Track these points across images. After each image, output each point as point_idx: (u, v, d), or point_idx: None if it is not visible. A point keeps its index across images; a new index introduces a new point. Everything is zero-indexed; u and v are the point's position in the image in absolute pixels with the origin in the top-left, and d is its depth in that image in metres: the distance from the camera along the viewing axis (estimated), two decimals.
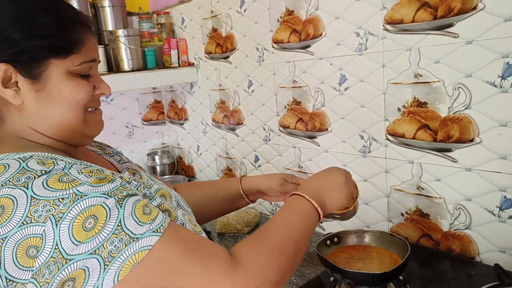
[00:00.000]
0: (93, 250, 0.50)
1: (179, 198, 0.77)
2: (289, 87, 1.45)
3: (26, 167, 0.54)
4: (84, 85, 0.63)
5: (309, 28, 1.33)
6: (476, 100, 0.99)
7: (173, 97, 2.13)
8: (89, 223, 0.50)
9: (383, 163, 1.22)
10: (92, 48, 0.64)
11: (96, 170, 0.57)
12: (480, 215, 1.04)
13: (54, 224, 0.50)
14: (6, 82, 0.58)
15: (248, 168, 1.74)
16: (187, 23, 1.89)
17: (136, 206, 0.54)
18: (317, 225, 0.74)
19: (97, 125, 0.69)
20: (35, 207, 0.50)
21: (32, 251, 0.49)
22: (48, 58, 0.59)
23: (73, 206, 0.51)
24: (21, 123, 0.62)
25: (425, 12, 1.04)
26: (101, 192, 0.53)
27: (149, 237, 0.52)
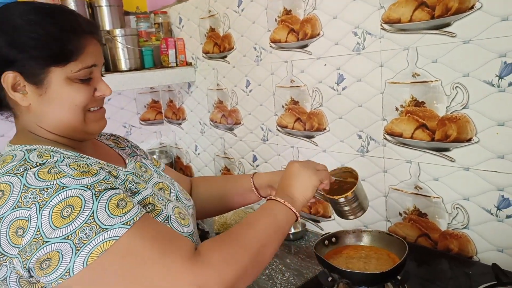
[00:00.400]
0: (66, 236, 0.57)
1: (178, 191, 0.84)
2: (287, 87, 1.45)
3: (27, 158, 0.63)
4: (82, 89, 0.68)
5: (306, 27, 1.33)
6: (474, 100, 0.99)
7: (171, 97, 2.13)
8: (66, 212, 0.58)
9: (381, 163, 1.22)
10: (93, 54, 0.69)
11: (84, 164, 0.64)
12: (478, 214, 1.04)
13: (38, 210, 0.57)
14: (16, 87, 0.66)
15: (246, 168, 1.74)
16: (184, 22, 1.89)
17: (112, 199, 0.60)
18: (291, 223, 0.75)
19: (98, 124, 0.74)
20: (25, 194, 0.58)
21: (19, 231, 0.58)
22: (48, 66, 0.65)
23: (55, 196, 0.58)
24: (29, 121, 0.70)
25: (423, 11, 1.04)
26: (81, 185, 0.60)
27: (118, 228, 0.58)
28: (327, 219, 1.44)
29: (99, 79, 0.72)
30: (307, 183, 0.79)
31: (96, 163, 0.68)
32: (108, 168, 0.70)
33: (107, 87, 0.73)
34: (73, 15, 0.69)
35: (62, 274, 0.56)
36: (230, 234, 0.67)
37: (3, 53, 0.64)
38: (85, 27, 0.69)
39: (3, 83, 0.65)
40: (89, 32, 0.69)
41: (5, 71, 0.65)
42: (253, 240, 0.66)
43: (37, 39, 0.64)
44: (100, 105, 0.74)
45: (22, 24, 0.64)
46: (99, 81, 0.72)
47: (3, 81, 0.65)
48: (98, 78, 0.72)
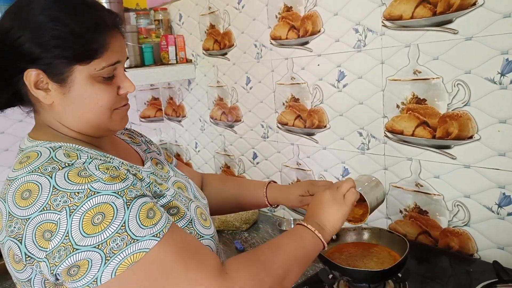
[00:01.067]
0: (97, 244, 0.56)
1: (195, 189, 0.84)
2: (287, 84, 1.45)
3: (54, 157, 0.62)
4: (106, 90, 0.67)
5: (307, 24, 1.33)
6: (475, 97, 0.98)
7: (171, 94, 2.12)
8: (97, 219, 0.56)
9: (381, 160, 1.21)
10: (117, 50, 0.67)
11: (112, 167, 0.63)
12: (479, 212, 1.04)
13: (68, 215, 0.56)
14: (38, 84, 0.65)
15: (247, 165, 1.74)
16: (184, 19, 1.88)
17: (142, 209, 0.60)
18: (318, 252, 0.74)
19: (121, 121, 0.72)
20: (54, 196, 0.57)
21: (47, 235, 0.56)
22: (72, 65, 0.64)
23: (86, 201, 0.57)
24: (51, 117, 0.69)
25: (424, 8, 1.03)
26: (112, 191, 0.59)
27: (148, 240, 0.57)
28: None
29: (123, 75, 0.70)
30: (338, 213, 0.78)
31: (120, 164, 0.67)
32: (132, 169, 0.70)
33: (131, 83, 0.70)
34: (96, 9, 0.67)
35: (89, 282, 0.56)
36: (258, 255, 0.67)
37: (26, 49, 0.62)
38: (109, 22, 0.66)
39: (26, 80, 0.64)
40: (113, 27, 0.67)
41: (27, 68, 0.63)
42: (280, 265, 0.66)
43: (61, 37, 0.62)
44: (125, 102, 0.72)
45: (44, 21, 0.62)
46: (123, 78, 0.70)
47: (25, 78, 0.64)
48: (122, 75, 0.70)
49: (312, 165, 1.44)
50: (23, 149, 0.68)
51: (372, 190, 0.88)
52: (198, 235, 0.69)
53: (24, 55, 0.62)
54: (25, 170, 0.61)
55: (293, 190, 0.97)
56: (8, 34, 0.63)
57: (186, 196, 0.76)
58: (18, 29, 0.62)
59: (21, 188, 0.59)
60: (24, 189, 0.58)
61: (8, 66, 0.64)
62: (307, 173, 1.46)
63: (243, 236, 1.42)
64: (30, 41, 0.62)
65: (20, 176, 0.60)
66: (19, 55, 0.63)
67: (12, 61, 0.63)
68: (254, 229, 1.47)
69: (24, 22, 0.63)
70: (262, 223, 1.52)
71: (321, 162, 1.40)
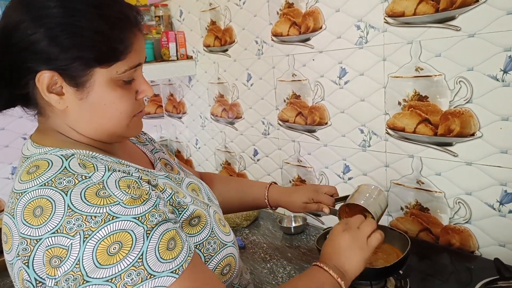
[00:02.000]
0: (110, 278, 0.50)
1: (208, 190, 0.79)
2: (288, 81, 1.44)
3: (68, 167, 0.56)
4: (126, 95, 0.61)
5: (309, 21, 1.32)
6: (478, 94, 0.98)
7: (171, 91, 2.12)
8: (114, 248, 0.50)
9: (383, 157, 1.21)
10: (139, 51, 0.61)
11: (133, 181, 0.57)
12: (480, 209, 1.04)
13: (82, 240, 0.50)
14: (51, 87, 0.57)
15: (247, 162, 1.73)
16: (185, 15, 1.87)
17: (163, 238, 0.54)
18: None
19: (137, 127, 0.68)
20: (69, 218, 0.51)
21: (55, 261, 0.51)
22: (92, 67, 0.57)
23: (103, 226, 0.51)
24: (62, 123, 0.62)
25: (427, 4, 1.03)
26: (132, 216, 0.53)
27: (166, 277, 0.52)
28: None
29: (141, 78, 0.64)
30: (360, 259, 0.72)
31: (136, 172, 0.62)
32: (150, 178, 0.64)
33: (149, 87, 0.65)
34: (118, 2, 0.59)
35: None
36: None
37: (42, 48, 0.54)
38: (132, 19, 0.59)
39: (38, 82, 0.56)
40: (136, 24, 0.60)
41: (41, 69, 0.56)
42: None
43: (82, 35, 0.55)
44: (143, 107, 0.67)
45: (63, 16, 0.54)
46: (142, 81, 0.64)
47: (37, 81, 0.56)
48: (140, 78, 0.64)
49: (313, 162, 1.44)
50: (28, 156, 0.61)
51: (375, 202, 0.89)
52: (221, 244, 0.66)
53: (39, 54, 0.55)
54: (35, 182, 0.54)
55: (296, 197, 0.96)
56: (19, 29, 0.55)
57: (202, 201, 0.72)
58: (31, 23, 0.54)
59: (32, 204, 0.53)
60: (36, 206, 0.52)
61: (17, 66, 0.57)
62: (308, 170, 1.46)
63: (244, 232, 1.43)
64: (47, 39, 0.54)
65: (30, 190, 0.54)
66: (32, 54, 0.55)
67: (23, 59, 0.56)
68: (255, 226, 1.47)
69: (38, 16, 0.54)
70: (263, 220, 1.52)
71: (322, 159, 1.40)
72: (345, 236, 0.74)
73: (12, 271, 0.57)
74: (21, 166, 0.61)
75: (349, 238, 0.74)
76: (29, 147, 0.63)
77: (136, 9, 0.62)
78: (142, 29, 0.62)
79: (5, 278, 1.29)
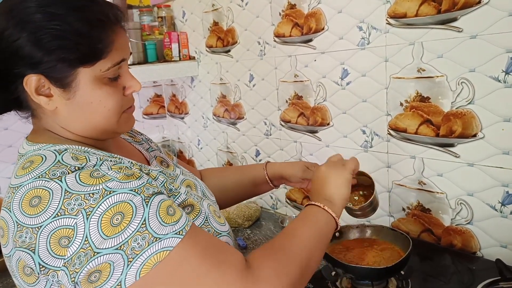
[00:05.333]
0: (118, 246, 0.53)
1: (203, 187, 0.80)
2: (290, 82, 1.45)
3: (61, 160, 0.58)
4: (112, 92, 0.63)
5: (311, 22, 1.32)
6: (480, 95, 0.98)
7: (174, 91, 2.13)
8: (116, 219, 0.53)
9: (384, 158, 1.22)
10: (121, 48, 0.62)
11: (124, 167, 0.60)
12: (482, 210, 1.04)
13: (85, 218, 0.53)
14: (39, 89, 0.60)
15: (249, 163, 1.74)
16: (188, 16, 1.88)
17: (161, 205, 0.57)
18: (333, 230, 0.73)
19: (128, 123, 0.69)
20: (68, 200, 0.53)
21: (64, 241, 0.53)
22: (76, 67, 0.59)
23: (103, 201, 0.53)
24: (54, 123, 0.64)
25: (429, 6, 1.03)
26: (129, 189, 0.55)
27: (171, 238, 0.55)
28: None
29: (128, 74, 0.66)
30: (340, 180, 0.77)
31: (131, 164, 0.64)
32: (144, 169, 0.66)
33: (137, 82, 0.66)
34: (97, 2, 0.61)
35: (112, 287, 0.52)
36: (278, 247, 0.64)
37: (26, 53, 0.57)
38: (112, 17, 0.61)
39: (26, 86, 0.58)
40: (116, 22, 0.62)
41: (28, 73, 0.58)
42: (301, 252, 0.65)
43: (63, 37, 0.57)
44: (132, 103, 0.68)
45: (43, 19, 0.56)
46: (128, 77, 0.66)
47: (25, 84, 0.58)
48: (127, 74, 0.66)
49: None
50: (23, 154, 0.63)
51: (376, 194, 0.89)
52: (215, 233, 0.68)
53: (24, 59, 0.57)
54: (30, 175, 0.56)
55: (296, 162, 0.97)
56: (3, 36, 0.57)
57: (196, 194, 0.74)
58: (14, 29, 0.56)
59: (28, 195, 0.55)
60: (32, 196, 0.55)
61: (5, 71, 0.59)
62: None
63: (246, 233, 1.43)
64: (30, 43, 0.56)
65: (26, 183, 0.56)
66: (17, 59, 0.57)
67: (9, 65, 0.58)
68: (257, 226, 1.48)
69: (20, 22, 0.56)
70: (265, 220, 1.52)
71: (324, 160, 1.39)
72: (321, 168, 0.80)
73: (10, 263, 0.59)
74: (17, 163, 0.63)
75: (325, 168, 0.80)
76: (24, 145, 0.65)
77: (116, 6, 0.64)
78: (124, 26, 0.64)
79: (5, 279, 1.29)
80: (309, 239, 0.67)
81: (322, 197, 0.75)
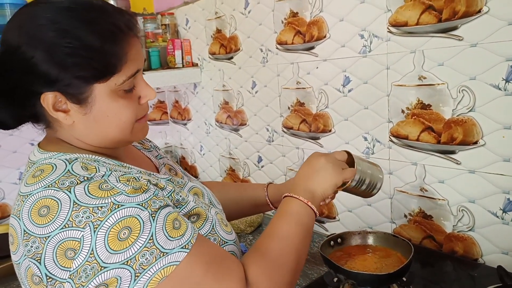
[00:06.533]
0: (125, 261, 0.53)
1: (211, 195, 0.80)
2: (292, 88, 1.46)
3: (71, 170, 0.58)
4: (128, 104, 0.63)
5: (313, 29, 1.34)
6: (480, 103, 0.99)
7: (177, 97, 2.14)
8: (124, 234, 0.54)
9: (386, 165, 1.22)
10: (135, 58, 0.62)
11: (132, 178, 0.59)
12: (484, 217, 1.05)
13: (92, 231, 0.53)
14: (56, 105, 0.60)
15: (251, 169, 1.75)
16: (191, 24, 1.90)
17: (167, 219, 0.57)
18: (314, 219, 0.73)
19: (142, 131, 0.69)
20: (76, 212, 0.54)
21: (70, 253, 0.53)
22: (91, 84, 0.59)
23: (110, 215, 0.54)
24: (69, 135, 0.65)
25: (430, 15, 1.04)
26: (136, 203, 0.56)
27: (177, 252, 0.56)
28: (331, 220, 1.44)
29: (142, 83, 0.65)
30: (331, 180, 0.75)
31: (138, 173, 0.64)
32: (152, 179, 0.65)
33: (151, 90, 0.66)
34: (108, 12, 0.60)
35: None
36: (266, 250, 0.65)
37: (42, 71, 0.57)
38: (124, 27, 0.60)
39: (43, 103, 0.59)
40: (128, 31, 0.61)
41: (44, 91, 0.58)
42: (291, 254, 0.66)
43: (77, 55, 0.56)
44: (146, 111, 0.68)
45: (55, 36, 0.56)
46: (143, 86, 0.65)
47: (42, 102, 0.59)
48: (141, 83, 0.65)
49: None
50: (34, 162, 0.63)
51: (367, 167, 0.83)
52: (222, 241, 0.68)
53: (39, 77, 0.57)
54: (40, 184, 0.57)
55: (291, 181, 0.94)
56: (17, 53, 0.57)
57: (204, 202, 0.74)
58: (27, 47, 0.56)
59: (37, 204, 0.55)
60: (41, 206, 0.55)
61: (21, 89, 0.59)
62: None
63: (248, 239, 1.43)
64: (45, 61, 0.56)
65: (35, 192, 0.56)
66: (34, 77, 0.57)
67: (25, 83, 0.58)
68: (259, 232, 1.48)
69: (33, 39, 0.56)
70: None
71: None
72: (321, 159, 0.77)
73: (19, 271, 0.59)
74: (27, 171, 0.63)
75: (325, 161, 0.76)
76: (35, 153, 0.66)
77: (127, 13, 0.63)
78: (138, 32, 0.63)
79: (11, 283, 1.30)
80: (297, 240, 0.68)
81: (306, 187, 0.74)
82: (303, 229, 0.70)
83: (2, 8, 1.52)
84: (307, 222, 0.71)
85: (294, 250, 0.67)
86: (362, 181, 0.81)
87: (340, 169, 0.77)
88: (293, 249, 0.67)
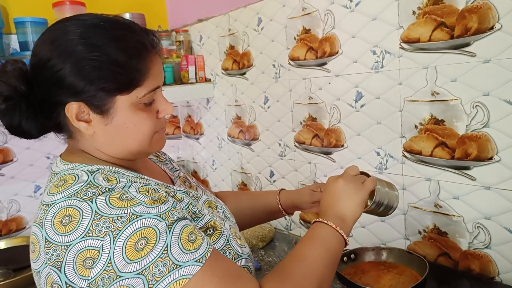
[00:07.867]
0: (140, 271, 0.54)
1: (225, 208, 0.81)
2: (305, 103, 1.47)
3: (93, 181, 0.61)
4: (147, 117, 0.66)
5: (325, 46, 1.36)
6: (494, 119, 0.99)
7: (189, 112, 2.17)
8: (141, 244, 0.55)
9: (400, 180, 1.22)
10: (156, 75, 0.65)
11: (152, 189, 0.61)
12: (500, 234, 1.03)
13: (112, 240, 0.54)
14: (79, 115, 0.63)
15: (263, 183, 1.75)
16: (204, 40, 1.94)
17: (183, 232, 0.58)
18: (343, 245, 0.71)
19: (160, 143, 0.72)
20: (96, 222, 0.55)
21: (88, 262, 0.54)
22: (114, 96, 0.63)
23: (129, 225, 0.55)
24: (90, 145, 0.68)
25: (442, 31, 1.05)
26: (154, 214, 0.57)
27: (191, 266, 0.56)
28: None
29: (162, 98, 0.69)
30: (356, 199, 0.73)
31: (156, 185, 0.65)
32: (168, 190, 0.67)
33: (170, 105, 0.69)
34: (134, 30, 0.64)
35: None
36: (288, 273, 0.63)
37: (69, 82, 0.60)
38: (148, 45, 0.64)
39: (67, 113, 0.62)
40: (151, 49, 0.64)
41: (70, 101, 0.61)
42: (313, 279, 0.63)
43: (103, 68, 0.60)
44: (164, 125, 0.71)
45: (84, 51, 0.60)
46: (162, 101, 0.68)
47: (67, 111, 0.62)
48: (161, 98, 0.68)
49: None
50: (57, 172, 0.66)
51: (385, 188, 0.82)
52: (236, 255, 0.68)
53: (66, 88, 0.61)
54: (63, 194, 0.59)
55: (302, 189, 0.96)
56: (47, 65, 0.61)
57: (218, 216, 0.75)
58: (57, 60, 0.60)
59: (60, 214, 0.57)
60: (64, 215, 0.57)
61: (48, 100, 0.63)
62: None
63: (260, 254, 1.43)
64: (73, 74, 0.60)
65: (59, 201, 0.59)
66: (60, 88, 0.61)
67: (52, 94, 0.62)
68: (271, 247, 1.48)
69: (63, 53, 0.60)
70: (279, 241, 1.52)
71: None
72: (339, 182, 0.76)
73: (39, 279, 0.60)
74: (50, 181, 0.66)
75: (344, 183, 0.75)
76: (58, 164, 0.68)
77: (151, 32, 0.66)
78: (160, 51, 0.68)
79: None
80: (321, 264, 0.66)
81: (334, 213, 0.73)
82: (329, 254, 0.68)
83: (23, 26, 1.58)
84: (335, 248, 0.69)
85: (317, 275, 0.64)
86: (381, 203, 0.81)
87: (361, 184, 0.76)
88: (316, 274, 0.64)
